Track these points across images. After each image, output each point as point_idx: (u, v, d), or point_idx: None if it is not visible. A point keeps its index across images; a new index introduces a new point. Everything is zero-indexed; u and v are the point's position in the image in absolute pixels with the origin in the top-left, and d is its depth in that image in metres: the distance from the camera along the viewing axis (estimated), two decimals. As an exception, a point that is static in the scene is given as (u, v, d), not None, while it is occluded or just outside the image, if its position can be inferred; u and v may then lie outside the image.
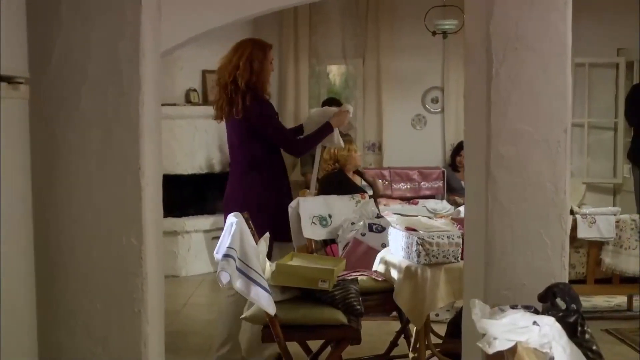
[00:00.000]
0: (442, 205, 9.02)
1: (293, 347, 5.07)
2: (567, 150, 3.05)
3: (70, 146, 3.11)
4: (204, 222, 9.01)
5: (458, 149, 9.73)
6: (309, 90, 10.04)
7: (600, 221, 6.88)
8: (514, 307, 2.75)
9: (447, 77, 10.07)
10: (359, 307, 4.75)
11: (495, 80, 3.03)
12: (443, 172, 9.56)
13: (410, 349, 5.34)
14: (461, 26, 9.10)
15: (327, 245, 6.36)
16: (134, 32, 3.02)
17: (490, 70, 3.03)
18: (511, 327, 2.55)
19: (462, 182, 9.51)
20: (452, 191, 9.64)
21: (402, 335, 5.61)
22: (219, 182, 9.51)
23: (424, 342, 5.14)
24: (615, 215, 6.98)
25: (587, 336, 2.61)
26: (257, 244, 4.73)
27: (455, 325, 5.45)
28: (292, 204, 5.98)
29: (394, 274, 5.11)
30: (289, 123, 9.93)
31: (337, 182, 7.30)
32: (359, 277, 5.25)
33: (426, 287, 4.86)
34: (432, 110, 10.20)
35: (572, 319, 2.61)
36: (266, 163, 5.74)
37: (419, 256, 4.85)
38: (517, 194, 3.06)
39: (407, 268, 4.95)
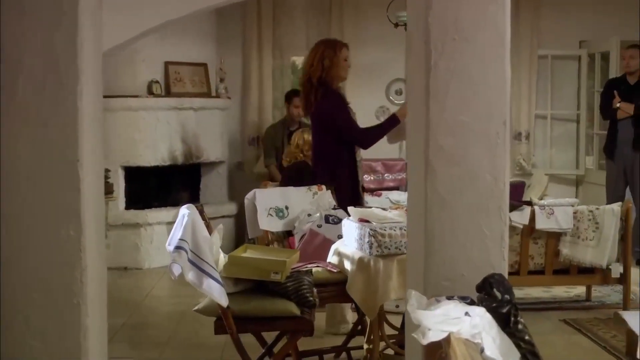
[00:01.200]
0: (405, 197, 9.02)
1: (248, 338, 5.07)
2: (506, 142, 3.05)
3: (8, 138, 3.09)
4: (167, 214, 8.96)
5: None
6: (273, 83, 9.99)
7: (558, 212, 6.92)
8: (450, 298, 2.76)
9: (411, 69, 10.06)
10: (311, 298, 4.74)
11: (433, 72, 3.03)
12: (406, 164, 9.55)
13: (365, 340, 5.34)
14: (423, 18, 9.11)
15: (288, 237, 6.35)
16: (70, 23, 2.99)
17: (429, 61, 3.03)
18: (444, 318, 2.56)
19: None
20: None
21: (359, 327, 5.63)
22: (182, 174, 9.54)
23: (377, 333, 5.15)
24: (572, 206, 7.02)
25: (519, 326, 2.62)
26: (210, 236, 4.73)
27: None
28: (249, 196, 5.99)
29: (347, 265, 5.11)
30: (252, 115, 9.94)
31: (300, 172, 7.25)
32: (314, 269, 5.24)
33: (379, 278, 4.87)
34: (396, 101, 10.18)
35: (505, 310, 2.62)
36: (334, 156, 6.12)
37: (371, 247, 4.85)
38: (456, 186, 3.06)
39: (360, 259, 4.95)
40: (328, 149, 6.19)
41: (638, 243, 8.78)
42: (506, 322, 2.62)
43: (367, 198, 8.89)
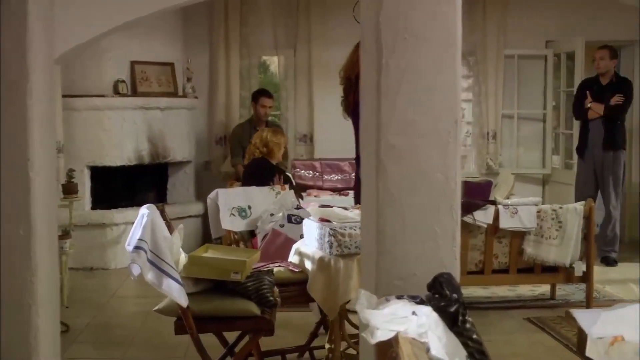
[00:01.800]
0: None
1: (210, 338, 5.06)
2: (458, 141, 3.05)
3: (-42, 137, 3.06)
4: (134, 214, 8.82)
5: None
6: (240, 82, 9.97)
7: (522, 211, 6.96)
8: (400, 297, 2.76)
9: (378, 68, 10.06)
10: (271, 298, 4.75)
11: (385, 71, 3.03)
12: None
13: (327, 340, 5.35)
14: (389, 17, 9.11)
15: (253, 237, 6.35)
16: (19, 22, 2.97)
17: (380, 60, 3.03)
18: (391, 317, 2.55)
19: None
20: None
21: (323, 326, 5.63)
22: (149, 174, 9.49)
23: (338, 333, 5.15)
24: (536, 205, 7.06)
25: (467, 325, 2.62)
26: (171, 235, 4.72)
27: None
28: (211, 195, 6.00)
29: (308, 265, 5.12)
30: (219, 115, 9.92)
31: (260, 170, 7.24)
32: (276, 269, 5.25)
33: (339, 278, 4.87)
34: (364, 101, 10.19)
35: (453, 309, 2.62)
36: None
37: (331, 247, 4.86)
38: (407, 184, 3.06)
39: (321, 259, 4.96)
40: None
41: (604, 242, 8.86)
42: (454, 321, 2.62)
43: (335, 197, 8.91)
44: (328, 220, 5.07)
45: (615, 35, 9.90)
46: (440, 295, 2.75)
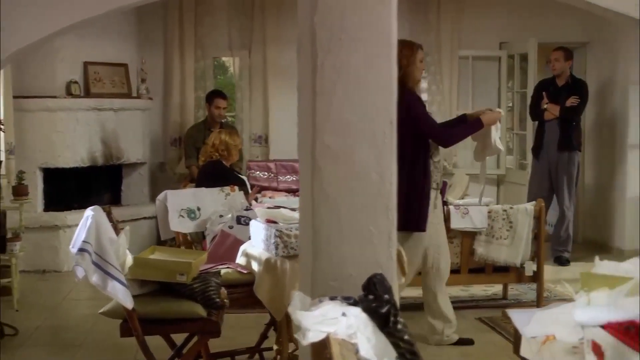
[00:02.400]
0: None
1: (159, 340, 5.04)
2: (393, 141, 3.06)
3: None
4: (86, 216, 8.83)
5: None
6: (195, 83, 9.93)
7: (473, 212, 7.00)
8: (333, 298, 2.75)
9: (333, 69, 10.06)
10: (218, 300, 4.74)
11: (320, 71, 3.02)
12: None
13: (275, 341, 5.34)
14: (343, 18, 9.12)
15: (204, 238, 6.33)
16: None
17: (316, 61, 3.02)
18: (322, 318, 2.55)
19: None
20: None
21: (273, 328, 5.62)
22: (103, 175, 9.43)
23: (286, 334, 5.15)
24: (487, 205, 7.10)
25: (399, 326, 2.62)
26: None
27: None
28: (160, 197, 5.98)
29: (255, 266, 5.11)
30: (174, 116, 9.87)
31: (215, 172, 7.22)
32: (224, 270, 5.24)
33: (285, 279, 4.87)
34: (321, 101, 10.19)
35: (384, 310, 2.62)
36: (412, 155, 5.91)
37: (277, 248, 4.85)
38: (343, 185, 3.05)
39: (267, 260, 4.95)
40: (406, 149, 6.02)
41: (557, 242, 8.93)
42: (385, 322, 2.61)
43: (290, 199, 8.88)
44: (274, 222, 5.06)
45: (567, 37, 10.00)
46: (374, 296, 2.75)
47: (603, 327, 2.49)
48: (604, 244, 9.74)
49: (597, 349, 2.48)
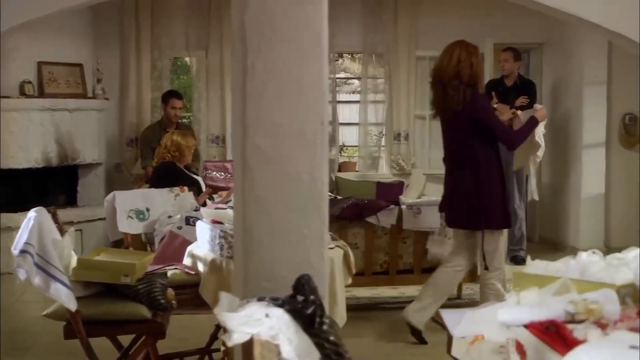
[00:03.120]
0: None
1: (106, 342, 5.01)
2: (324, 142, 3.05)
3: None
4: (41, 217, 8.76)
5: None
6: (152, 83, 9.87)
7: (426, 211, 7.01)
8: (261, 298, 2.74)
9: (290, 70, 10.04)
10: (163, 301, 4.71)
11: (250, 72, 3.01)
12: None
13: (222, 343, 5.31)
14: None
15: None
16: None
17: (246, 61, 3.02)
18: (246, 319, 2.54)
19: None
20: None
21: (223, 329, 5.60)
22: (58, 176, 9.35)
23: (232, 335, 5.12)
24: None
25: (324, 327, 2.61)
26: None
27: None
28: (108, 198, 5.95)
29: (201, 267, 5.09)
30: (130, 116, 9.81)
31: (167, 174, 7.17)
32: (172, 271, 5.22)
33: (230, 280, 4.84)
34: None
35: (309, 310, 2.62)
36: (486, 154, 6.10)
37: (222, 249, 4.84)
38: (274, 186, 3.05)
39: (212, 261, 4.93)
40: (478, 149, 6.13)
41: (512, 241, 8.97)
42: (311, 323, 2.61)
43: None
44: (220, 222, 5.04)
45: (524, 38, 10.06)
46: (303, 297, 2.75)
47: (526, 326, 2.51)
48: (559, 243, 9.81)
49: (520, 348, 2.50)
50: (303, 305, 2.63)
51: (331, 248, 5.07)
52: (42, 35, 8.72)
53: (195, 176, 7.59)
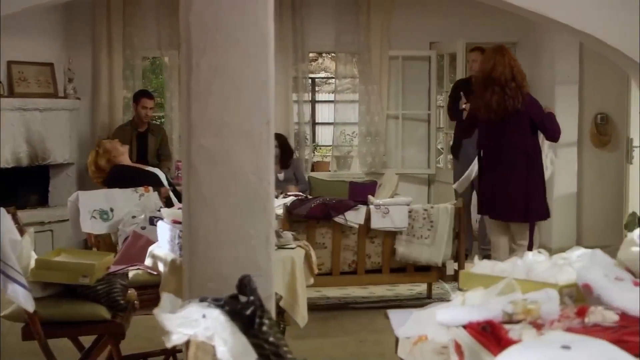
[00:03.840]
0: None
1: (66, 342, 4.98)
2: (270, 142, 3.03)
3: None
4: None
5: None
6: (124, 83, 9.83)
7: (394, 211, 7.00)
8: (203, 299, 2.73)
9: (263, 69, 10.02)
10: (122, 301, 4.70)
11: (195, 72, 3.00)
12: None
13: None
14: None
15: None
16: None
17: (191, 60, 3.00)
18: (184, 320, 2.53)
19: (278, 175, 9.52)
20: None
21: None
22: (29, 176, 9.28)
23: (194, 335, 5.11)
24: (408, 205, 7.11)
25: (264, 328, 2.60)
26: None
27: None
28: (71, 198, 5.91)
29: (161, 267, 5.07)
30: (102, 116, 9.76)
31: (122, 176, 7.07)
32: (135, 271, 5.20)
33: (189, 280, 4.83)
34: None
35: (248, 311, 2.60)
36: (538, 150, 6.97)
37: (181, 249, 4.80)
38: (220, 186, 3.03)
39: (172, 261, 4.91)
40: (533, 145, 6.92)
41: (483, 241, 8.98)
42: (250, 323, 2.60)
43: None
44: (180, 222, 5.02)
45: (497, 37, 10.05)
46: (244, 298, 2.73)
47: (465, 327, 2.50)
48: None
49: (458, 349, 2.49)
50: (243, 306, 2.61)
51: (292, 248, 5.06)
52: (12, 35, 8.64)
53: (152, 169, 7.46)
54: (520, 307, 2.48)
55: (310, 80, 11.25)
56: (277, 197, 8.41)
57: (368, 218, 6.94)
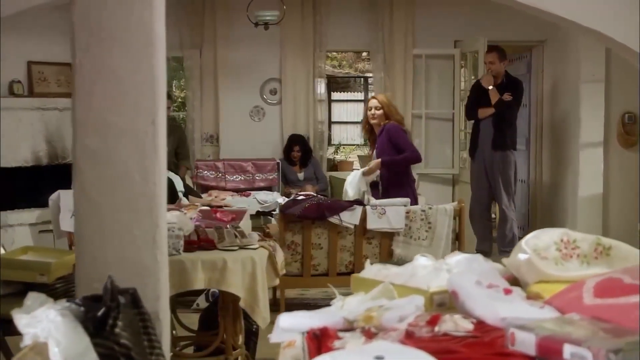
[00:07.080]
0: (273, 197, 8.96)
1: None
2: (157, 141, 3.00)
3: None
4: (30, 215, 8.87)
5: (290, 142, 9.73)
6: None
7: (390, 212, 6.92)
8: (69, 300, 2.72)
9: (284, 69, 10.03)
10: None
11: (79, 71, 2.98)
12: (278, 164, 9.52)
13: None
14: (282, 17, 9.08)
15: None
16: None
17: (75, 60, 2.99)
18: (30, 320, 2.52)
19: (298, 174, 9.51)
20: (288, 183, 9.63)
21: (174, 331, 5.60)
22: (47, 175, 9.39)
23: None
24: (405, 206, 7.02)
25: (116, 330, 2.57)
26: None
27: (205, 319, 5.47)
28: (53, 197, 5.95)
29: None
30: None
31: None
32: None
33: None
34: (270, 101, 10.15)
35: (100, 313, 2.58)
36: None
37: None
38: (105, 186, 3.01)
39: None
40: None
41: (503, 242, 8.83)
42: (102, 325, 2.58)
43: (236, 198, 8.84)
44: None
45: (525, 35, 9.91)
46: (112, 300, 2.71)
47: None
48: (557, 243, 9.59)
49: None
50: (96, 307, 2.60)
51: (254, 248, 5.01)
52: (31, 35, 8.78)
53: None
54: (361, 314, 2.40)
55: (327, 80, 11.21)
56: (289, 195, 8.39)
57: (364, 219, 6.87)
